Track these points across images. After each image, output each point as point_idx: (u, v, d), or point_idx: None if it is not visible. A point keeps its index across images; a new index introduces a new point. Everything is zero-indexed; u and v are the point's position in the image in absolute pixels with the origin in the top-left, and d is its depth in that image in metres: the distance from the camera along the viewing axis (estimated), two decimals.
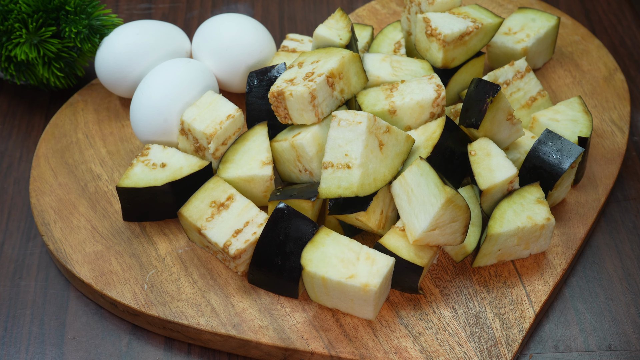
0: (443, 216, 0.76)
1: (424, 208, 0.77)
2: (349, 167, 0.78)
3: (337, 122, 0.79)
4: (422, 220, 0.77)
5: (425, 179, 0.77)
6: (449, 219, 0.77)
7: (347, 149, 0.78)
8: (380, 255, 0.77)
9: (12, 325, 0.83)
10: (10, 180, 0.97)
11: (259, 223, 0.82)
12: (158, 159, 0.87)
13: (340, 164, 0.78)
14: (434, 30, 0.91)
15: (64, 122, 0.99)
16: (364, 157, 0.78)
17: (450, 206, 0.76)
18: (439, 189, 0.76)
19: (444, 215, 0.76)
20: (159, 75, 0.91)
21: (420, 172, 0.78)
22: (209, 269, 0.84)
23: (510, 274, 0.83)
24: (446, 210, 0.76)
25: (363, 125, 0.78)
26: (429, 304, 0.81)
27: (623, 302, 0.84)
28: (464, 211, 0.77)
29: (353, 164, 0.78)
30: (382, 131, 0.79)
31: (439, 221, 0.76)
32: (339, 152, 0.79)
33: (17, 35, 0.95)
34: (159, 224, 0.88)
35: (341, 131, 0.79)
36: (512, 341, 0.78)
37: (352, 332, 0.78)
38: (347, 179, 0.78)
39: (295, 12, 1.19)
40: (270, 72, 0.91)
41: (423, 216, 0.77)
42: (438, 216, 0.76)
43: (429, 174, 0.77)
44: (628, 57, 1.12)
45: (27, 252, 0.89)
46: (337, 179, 0.78)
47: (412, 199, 0.78)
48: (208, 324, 0.79)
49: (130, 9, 1.19)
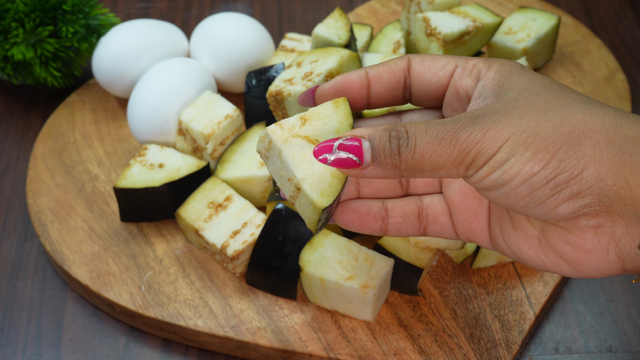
0: None
1: None
2: (299, 189, 0.62)
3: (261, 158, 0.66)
4: None
5: None
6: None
7: (285, 174, 0.62)
8: (379, 257, 0.76)
9: (9, 327, 0.83)
10: (7, 180, 0.96)
11: (257, 224, 0.81)
12: (156, 160, 0.87)
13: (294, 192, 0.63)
14: (434, 29, 0.91)
15: (61, 122, 0.98)
16: (300, 168, 0.61)
17: None
18: None
19: None
20: (156, 75, 0.90)
21: None
22: (206, 270, 0.83)
23: (510, 275, 0.83)
24: None
25: (274, 141, 0.62)
26: (428, 306, 0.80)
27: (624, 304, 0.84)
28: None
29: (299, 184, 0.61)
30: (299, 126, 0.63)
31: None
32: (284, 183, 0.63)
33: (14, 34, 0.94)
34: (156, 225, 0.87)
35: (270, 164, 0.64)
36: (512, 343, 0.78)
37: (351, 333, 0.78)
38: (308, 201, 0.62)
39: (294, 11, 1.19)
40: (269, 72, 0.90)
41: None
42: None
43: None
44: (629, 57, 1.11)
45: (24, 253, 0.89)
46: (303, 207, 0.63)
47: None
48: (206, 325, 0.79)
49: (128, 8, 1.19)
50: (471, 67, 0.62)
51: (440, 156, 0.55)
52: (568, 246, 0.57)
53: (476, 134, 0.54)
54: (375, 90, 0.65)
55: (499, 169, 0.54)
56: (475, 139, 0.54)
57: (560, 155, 0.53)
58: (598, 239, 0.55)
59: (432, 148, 0.55)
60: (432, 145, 0.55)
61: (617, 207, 0.54)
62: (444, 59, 0.64)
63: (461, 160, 0.55)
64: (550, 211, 0.55)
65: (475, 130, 0.54)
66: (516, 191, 0.54)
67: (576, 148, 0.53)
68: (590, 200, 0.53)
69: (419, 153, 0.55)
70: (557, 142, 0.53)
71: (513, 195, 0.55)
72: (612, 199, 0.53)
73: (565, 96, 0.56)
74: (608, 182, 0.53)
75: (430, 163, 0.55)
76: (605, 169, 0.53)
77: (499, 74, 0.59)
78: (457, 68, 0.62)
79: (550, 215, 0.55)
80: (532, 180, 0.54)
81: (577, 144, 0.53)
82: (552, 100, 0.56)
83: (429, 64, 0.64)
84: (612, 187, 0.53)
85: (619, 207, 0.53)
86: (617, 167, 0.53)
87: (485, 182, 0.55)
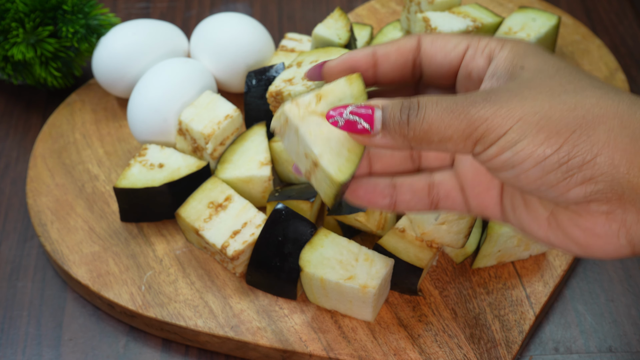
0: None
1: None
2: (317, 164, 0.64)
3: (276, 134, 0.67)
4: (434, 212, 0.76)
5: None
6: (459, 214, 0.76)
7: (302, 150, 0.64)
8: (379, 257, 0.76)
9: (9, 327, 0.83)
10: (7, 180, 0.96)
11: (257, 224, 0.81)
12: (156, 160, 0.87)
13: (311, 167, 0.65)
14: (434, 29, 0.90)
15: (61, 122, 0.98)
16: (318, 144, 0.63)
17: None
18: None
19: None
20: (156, 75, 0.90)
21: None
22: (206, 270, 0.83)
23: (510, 275, 0.83)
24: None
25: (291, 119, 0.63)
26: (428, 306, 0.80)
27: (624, 304, 0.84)
28: None
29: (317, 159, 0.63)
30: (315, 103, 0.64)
31: (449, 214, 0.76)
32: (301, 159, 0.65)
33: (14, 34, 0.94)
34: (156, 225, 0.87)
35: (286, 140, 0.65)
36: (512, 343, 0.78)
37: (351, 333, 0.78)
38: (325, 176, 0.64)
39: (294, 11, 1.19)
40: (269, 72, 0.90)
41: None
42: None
43: None
44: (629, 57, 1.11)
45: (24, 253, 0.89)
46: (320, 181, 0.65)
47: None
48: (206, 325, 0.79)
49: (128, 8, 1.19)
50: (483, 47, 0.61)
51: (448, 127, 0.55)
52: (578, 230, 0.56)
53: (486, 109, 0.54)
54: (382, 69, 0.65)
55: (510, 149, 0.54)
56: (485, 115, 0.54)
57: (573, 140, 0.52)
58: (609, 225, 0.55)
59: (440, 119, 0.55)
60: (441, 117, 0.55)
61: (630, 195, 0.53)
62: (455, 39, 0.63)
63: (469, 134, 0.54)
64: (562, 194, 0.54)
65: (486, 106, 0.54)
66: (527, 174, 0.54)
67: (590, 133, 0.52)
68: (602, 186, 0.53)
69: (427, 123, 0.55)
70: (570, 126, 0.52)
71: (524, 177, 0.55)
72: (624, 186, 0.53)
73: (580, 80, 0.56)
74: (621, 169, 0.52)
75: (437, 134, 0.55)
76: (619, 155, 0.52)
77: (512, 54, 0.59)
78: (469, 49, 0.62)
79: (562, 199, 0.55)
80: (544, 163, 0.53)
81: (591, 128, 0.52)
82: (566, 83, 0.55)
83: (440, 45, 0.63)
84: (625, 174, 0.53)
85: (631, 194, 0.53)
86: (631, 154, 0.52)
87: (496, 162, 0.55)
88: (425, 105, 0.56)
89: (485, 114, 0.54)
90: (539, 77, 0.56)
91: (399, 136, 0.57)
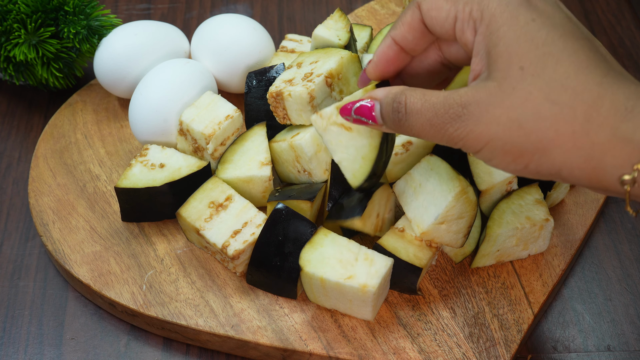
0: (454, 208, 0.76)
1: (435, 200, 0.77)
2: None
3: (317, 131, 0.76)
4: (433, 211, 0.77)
5: (436, 172, 0.78)
6: (458, 213, 0.77)
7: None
8: (378, 256, 0.77)
9: (11, 326, 0.83)
10: (9, 180, 0.97)
11: (258, 224, 0.81)
12: (157, 160, 0.87)
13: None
14: None
15: (63, 122, 0.99)
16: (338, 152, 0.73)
17: (462, 197, 0.76)
18: (453, 179, 0.77)
19: (454, 207, 0.76)
20: (157, 76, 0.91)
21: (430, 166, 0.78)
22: (207, 270, 0.84)
23: (509, 274, 0.83)
24: (458, 201, 0.76)
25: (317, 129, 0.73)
26: (427, 305, 0.81)
27: (622, 303, 0.84)
28: (472, 207, 0.77)
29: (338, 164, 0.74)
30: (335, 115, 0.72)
31: (449, 213, 0.76)
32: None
33: (16, 35, 0.95)
34: (157, 225, 0.88)
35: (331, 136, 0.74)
36: (511, 342, 0.78)
37: (351, 332, 0.78)
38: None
39: (294, 12, 1.19)
40: (269, 73, 0.90)
41: (434, 208, 0.77)
42: (450, 206, 0.76)
43: (440, 167, 0.78)
44: (627, 58, 1.12)
45: (26, 252, 0.89)
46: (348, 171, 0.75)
47: (421, 194, 0.78)
48: (206, 324, 0.79)
49: (130, 10, 1.19)
50: (467, 17, 0.64)
51: (434, 138, 0.63)
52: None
53: (461, 130, 0.61)
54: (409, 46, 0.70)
55: (486, 160, 0.62)
56: (460, 135, 0.61)
57: (536, 160, 0.60)
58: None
59: (425, 130, 0.63)
60: (425, 128, 0.63)
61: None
62: (445, 6, 0.65)
63: (451, 144, 0.63)
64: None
65: (461, 127, 0.61)
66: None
67: (548, 154, 0.59)
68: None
69: (415, 131, 0.64)
70: (529, 150, 0.59)
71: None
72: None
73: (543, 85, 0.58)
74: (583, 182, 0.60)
75: (426, 139, 0.65)
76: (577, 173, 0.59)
77: (488, 30, 0.62)
78: (457, 20, 0.65)
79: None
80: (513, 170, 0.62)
81: (547, 151, 0.59)
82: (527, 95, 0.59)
83: (435, 15, 0.66)
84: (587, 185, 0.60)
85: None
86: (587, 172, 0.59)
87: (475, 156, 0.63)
88: (411, 111, 0.64)
89: (461, 135, 0.61)
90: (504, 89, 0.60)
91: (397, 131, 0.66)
